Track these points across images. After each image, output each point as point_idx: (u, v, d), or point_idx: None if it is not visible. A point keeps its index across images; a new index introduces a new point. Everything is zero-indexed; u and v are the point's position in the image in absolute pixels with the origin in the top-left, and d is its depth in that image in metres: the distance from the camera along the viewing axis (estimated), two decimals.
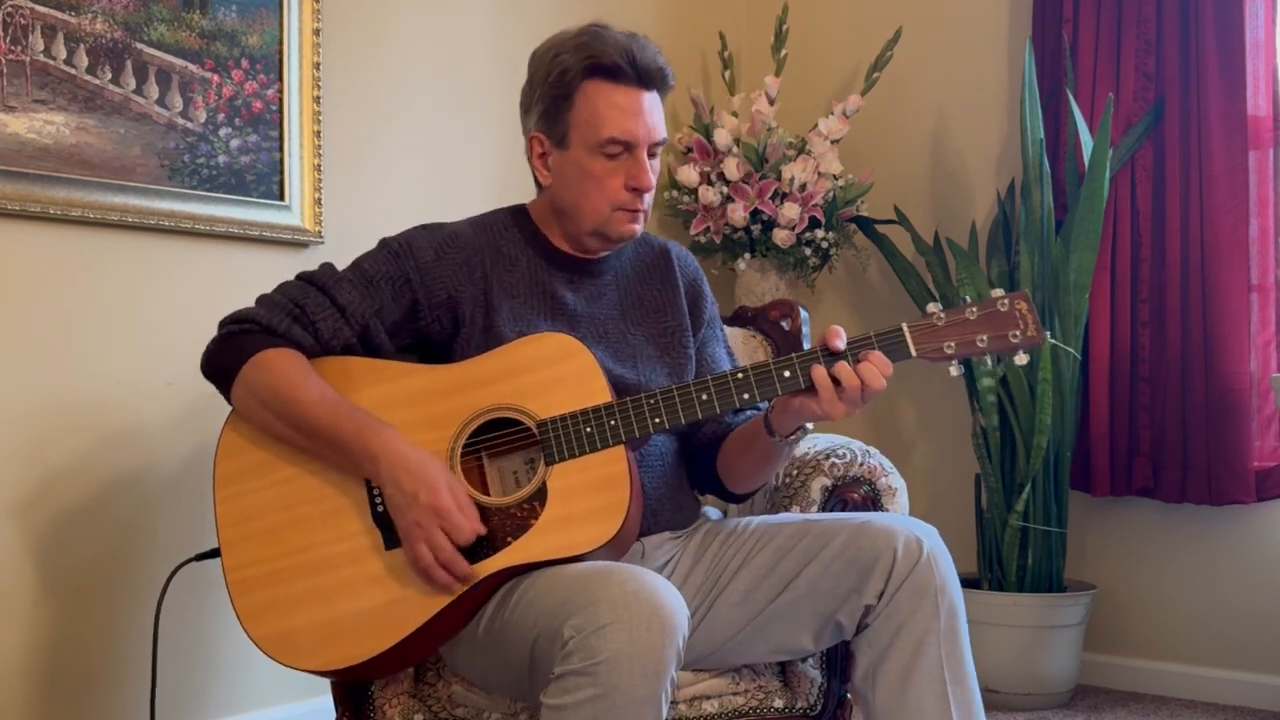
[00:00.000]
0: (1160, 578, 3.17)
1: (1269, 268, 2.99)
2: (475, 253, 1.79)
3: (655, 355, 1.84)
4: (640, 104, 1.75)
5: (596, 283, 1.85)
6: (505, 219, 1.86)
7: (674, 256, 1.93)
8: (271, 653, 1.64)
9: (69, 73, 2.18)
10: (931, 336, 1.63)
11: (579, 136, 1.75)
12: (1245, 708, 3.01)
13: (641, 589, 1.46)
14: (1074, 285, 2.98)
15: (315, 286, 1.75)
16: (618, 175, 1.75)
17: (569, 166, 1.77)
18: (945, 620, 1.61)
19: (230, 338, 1.73)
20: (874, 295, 3.61)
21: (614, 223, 1.77)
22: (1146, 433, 3.06)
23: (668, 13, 3.45)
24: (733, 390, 1.64)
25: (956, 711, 1.60)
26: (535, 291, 1.80)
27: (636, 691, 1.43)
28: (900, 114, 3.52)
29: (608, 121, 1.73)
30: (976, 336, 1.62)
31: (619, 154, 1.74)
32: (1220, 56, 2.95)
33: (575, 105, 1.75)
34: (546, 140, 1.79)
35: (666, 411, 1.64)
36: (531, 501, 1.63)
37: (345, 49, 2.64)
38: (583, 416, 1.64)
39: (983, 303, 1.63)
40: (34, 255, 2.17)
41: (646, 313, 1.87)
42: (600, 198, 1.75)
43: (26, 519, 2.16)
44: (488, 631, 1.64)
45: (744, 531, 1.79)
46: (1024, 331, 1.62)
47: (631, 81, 1.74)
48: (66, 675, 2.21)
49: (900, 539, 1.64)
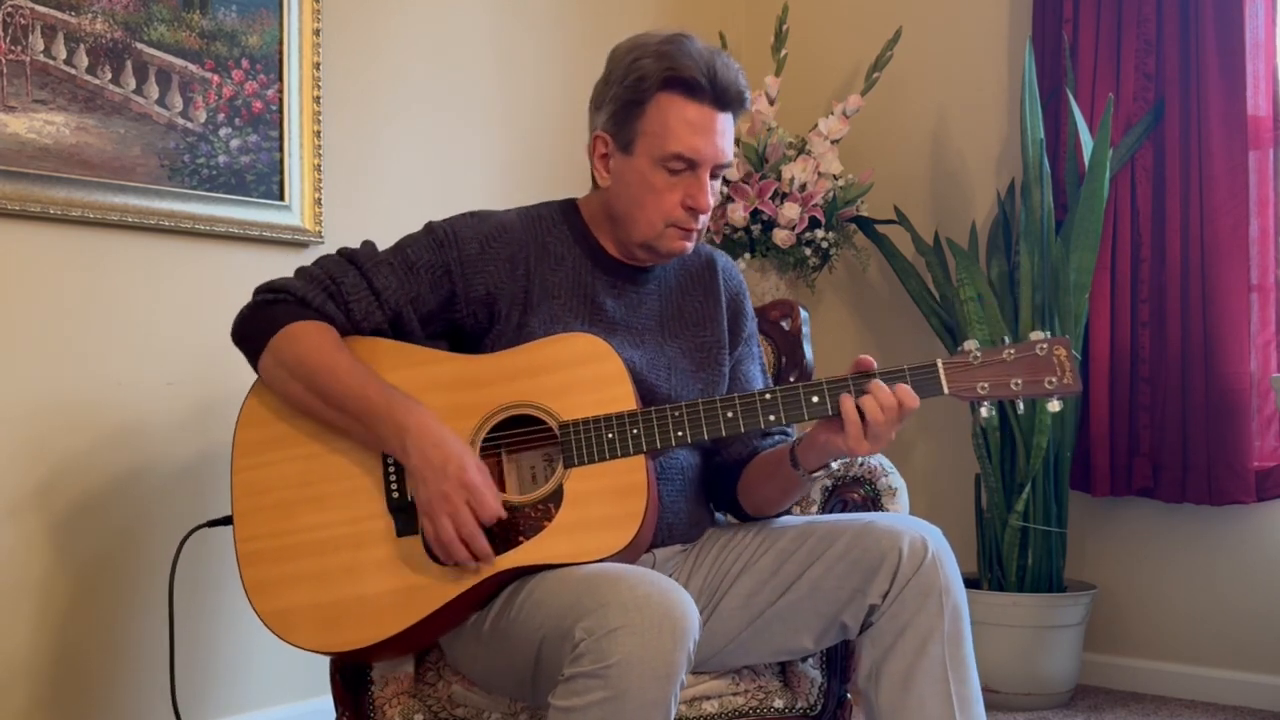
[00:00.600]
0: (1160, 578, 3.17)
1: (1269, 268, 2.99)
2: (521, 248, 1.76)
3: (690, 369, 1.81)
4: (713, 124, 1.71)
5: (639, 291, 1.82)
6: (555, 214, 1.82)
7: (720, 268, 1.90)
8: (273, 627, 1.64)
9: (69, 73, 2.18)
10: (965, 375, 1.61)
11: (645, 145, 1.71)
12: (1245, 708, 3.01)
13: (653, 592, 1.46)
14: (1074, 285, 2.98)
15: (355, 266, 1.73)
16: (677, 191, 1.71)
17: (630, 173, 1.73)
18: (949, 621, 1.61)
19: (264, 305, 1.72)
20: (874, 295, 3.61)
21: (665, 238, 1.74)
22: (1146, 433, 3.06)
23: (668, 13, 3.45)
24: (759, 410, 1.63)
25: (959, 712, 1.60)
26: (577, 294, 1.77)
27: (647, 695, 1.43)
28: (900, 114, 3.52)
29: (676, 136, 1.69)
30: (1011, 379, 1.60)
31: (681, 170, 1.71)
32: (1220, 56, 2.95)
33: (647, 114, 1.71)
34: (611, 142, 1.75)
35: (690, 425, 1.63)
36: (547, 502, 1.63)
37: (345, 49, 2.64)
38: (606, 422, 1.63)
39: (1021, 345, 1.61)
40: (34, 255, 2.17)
41: (686, 325, 1.84)
42: (656, 211, 1.72)
43: (26, 519, 2.16)
44: (492, 630, 1.64)
45: (746, 534, 1.79)
46: (1060, 379, 1.59)
47: (707, 99, 1.70)
48: (69, 674, 2.21)
49: (905, 539, 1.63)
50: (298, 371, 1.66)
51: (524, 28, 3.02)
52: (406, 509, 1.64)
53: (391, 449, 1.63)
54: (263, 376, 1.71)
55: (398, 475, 1.66)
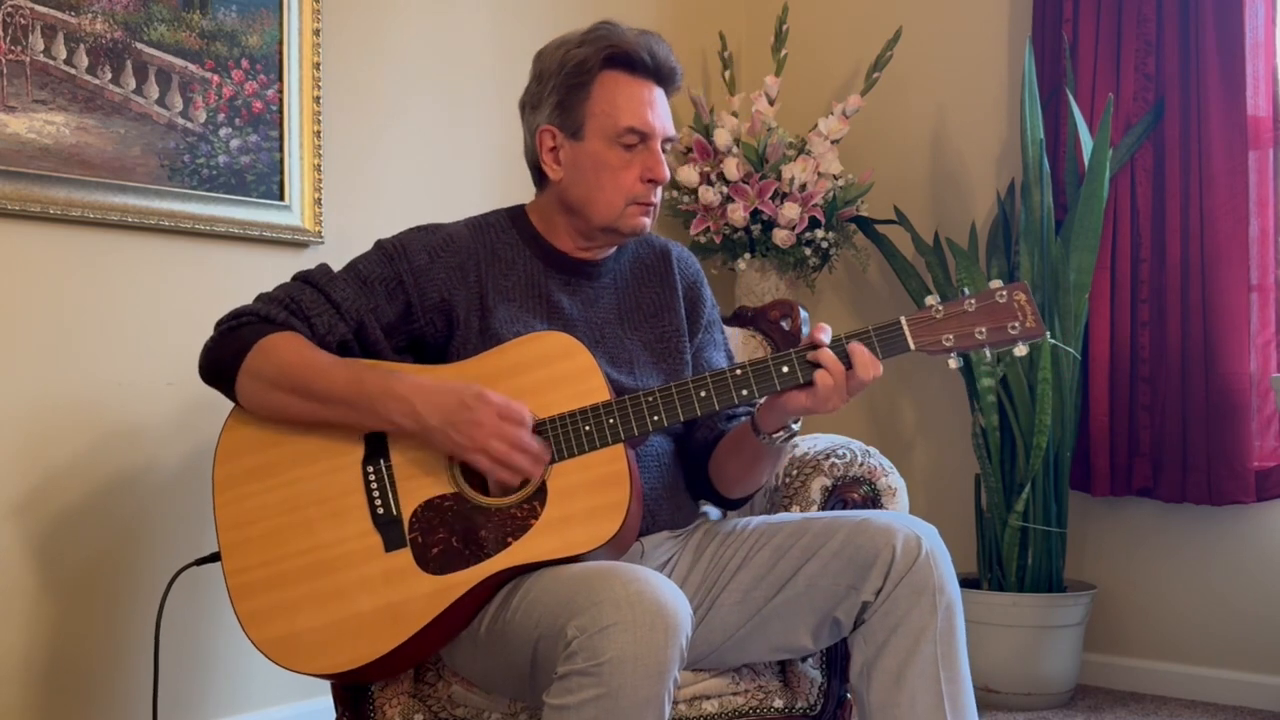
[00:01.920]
0: (1160, 578, 3.17)
1: (1269, 268, 2.99)
2: (470, 256, 1.78)
3: (651, 360, 1.83)
4: (655, 97, 1.76)
5: (594, 286, 1.84)
6: (503, 220, 1.85)
7: (674, 258, 1.92)
8: (273, 656, 1.64)
9: (69, 73, 2.18)
10: (930, 329, 1.63)
11: (595, 126, 1.74)
12: (1245, 708, 3.01)
13: (645, 589, 1.46)
14: (1074, 285, 2.98)
15: (310, 284, 1.75)
16: (633, 167, 1.75)
17: (584, 158, 1.76)
18: (942, 619, 1.61)
19: (228, 333, 1.73)
20: (874, 295, 3.61)
21: (627, 217, 1.76)
22: (1146, 433, 3.06)
23: (668, 13, 3.45)
24: (731, 387, 1.63)
25: (950, 710, 1.60)
26: (531, 295, 1.79)
27: (640, 692, 1.43)
28: (900, 114, 3.52)
29: (626, 111, 1.73)
30: (975, 329, 1.62)
31: (635, 145, 1.74)
32: (1220, 56, 2.95)
33: (593, 95, 1.74)
34: (559, 133, 1.78)
35: (665, 409, 1.64)
36: (531, 501, 1.63)
37: (345, 49, 2.64)
38: (581, 415, 1.64)
39: (980, 294, 1.63)
40: (34, 255, 2.17)
41: (644, 316, 1.86)
42: (615, 190, 1.75)
43: (26, 519, 2.16)
44: (489, 631, 1.64)
45: (743, 531, 1.79)
46: (1023, 323, 1.61)
47: (648, 74, 1.76)
48: (66, 676, 2.21)
49: (900, 536, 1.64)
50: (281, 380, 1.66)
51: (524, 28, 3.02)
52: (393, 523, 1.65)
53: (400, 423, 1.63)
54: (243, 400, 1.72)
55: (380, 491, 1.66)
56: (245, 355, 1.68)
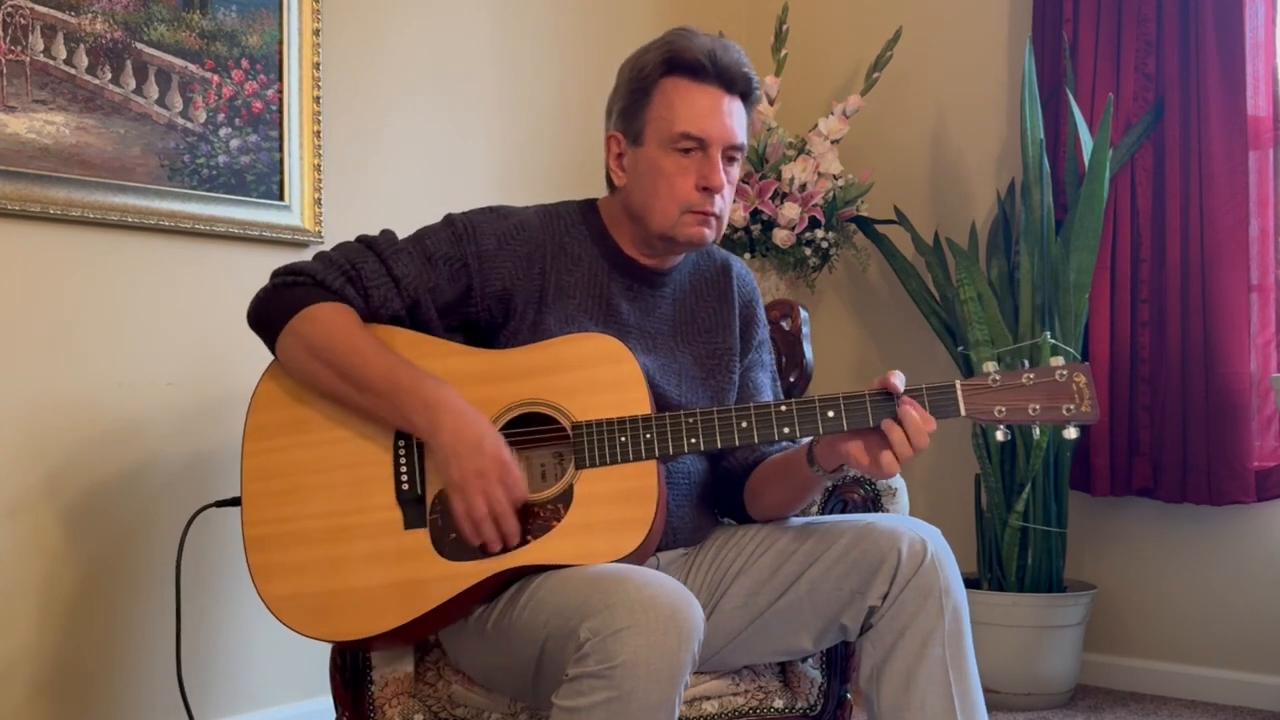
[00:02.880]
0: (1160, 578, 3.17)
1: (1269, 268, 2.99)
2: (538, 247, 1.75)
3: (700, 376, 1.81)
4: (719, 104, 1.72)
5: (654, 295, 1.82)
6: (574, 214, 1.82)
7: (735, 274, 1.89)
8: (277, 613, 1.64)
9: (69, 73, 2.18)
10: (983, 397, 1.60)
11: (654, 131, 1.72)
12: (1245, 708, 3.01)
13: (659, 593, 1.46)
14: (1074, 285, 2.98)
15: (374, 252, 1.73)
16: (689, 174, 1.71)
17: (642, 163, 1.74)
18: (950, 621, 1.61)
19: (282, 288, 1.71)
20: (874, 295, 3.61)
21: (683, 226, 1.72)
22: (1146, 433, 3.06)
23: (668, 13, 3.45)
24: (774, 423, 1.62)
25: (961, 712, 1.60)
26: (592, 295, 1.77)
27: (652, 696, 1.42)
28: (900, 114, 3.52)
29: (682, 116, 1.70)
30: (1029, 404, 1.59)
31: (692, 150, 1.71)
32: (1220, 56, 2.95)
33: (653, 101, 1.73)
34: (623, 139, 1.77)
35: (704, 434, 1.63)
36: (556, 502, 1.63)
37: (345, 49, 2.64)
38: (619, 425, 1.63)
39: (1040, 370, 1.60)
40: (34, 255, 2.17)
41: (698, 331, 1.84)
42: (670, 197, 1.71)
43: (27, 519, 2.16)
44: (495, 627, 1.64)
45: (746, 534, 1.78)
46: (1079, 407, 1.59)
47: (711, 80, 1.72)
48: (67, 676, 2.21)
49: (904, 540, 1.63)
50: (320, 352, 1.65)
51: (524, 28, 3.02)
52: (416, 502, 1.64)
53: (418, 427, 1.62)
54: (281, 359, 1.70)
55: (408, 467, 1.65)
56: (292, 316, 1.67)
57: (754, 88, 1.76)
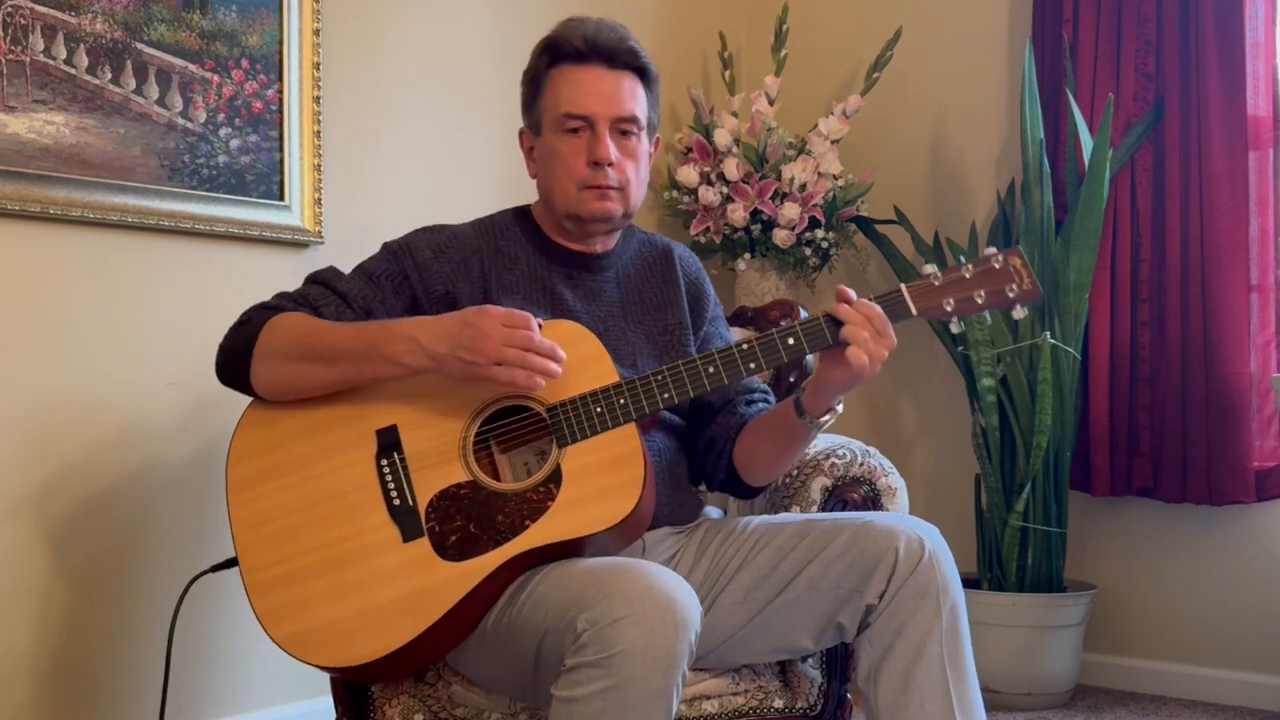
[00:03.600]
0: (1160, 578, 3.17)
1: (1269, 268, 2.99)
2: (474, 252, 1.82)
3: (654, 353, 1.85)
4: (601, 81, 1.78)
5: (596, 279, 1.86)
6: (508, 219, 1.89)
7: (676, 256, 1.95)
8: (293, 651, 1.63)
9: (69, 73, 2.18)
10: (930, 295, 1.66)
11: (547, 119, 1.81)
12: (1245, 708, 3.01)
13: (655, 583, 1.47)
14: (1074, 285, 2.98)
15: (317, 282, 1.80)
16: (580, 153, 1.78)
17: (542, 150, 1.83)
18: (947, 620, 1.62)
19: (238, 328, 1.76)
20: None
21: (583, 202, 1.78)
22: (1146, 433, 3.06)
23: (668, 13, 3.45)
24: (739, 361, 1.66)
25: (959, 710, 1.60)
26: (535, 288, 1.82)
27: (649, 684, 1.43)
28: (900, 114, 3.52)
29: (564, 98, 1.78)
30: (974, 293, 1.66)
31: (580, 129, 1.77)
32: (1220, 56, 2.95)
33: (544, 91, 1.82)
34: (529, 132, 1.86)
35: (675, 386, 1.66)
36: (547, 484, 1.64)
37: (345, 49, 2.64)
38: (592, 397, 1.66)
39: (977, 260, 1.67)
40: (34, 255, 2.17)
41: (646, 311, 1.88)
42: (565, 176, 1.78)
43: (26, 519, 2.16)
44: (494, 628, 1.64)
45: (745, 531, 1.79)
46: (1020, 285, 1.65)
47: (591, 60, 1.78)
48: (69, 676, 2.21)
49: (902, 539, 1.64)
50: (291, 350, 1.68)
51: (524, 28, 3.01)
52: (410, 513, 1.65)
53: (409, 360, 1.63)
54: (259, 384, 1.72)
55: (395, 482, 1.66)
56: (256, 340, 1.71)
57: (641, 60, 1.81)
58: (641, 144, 1.83)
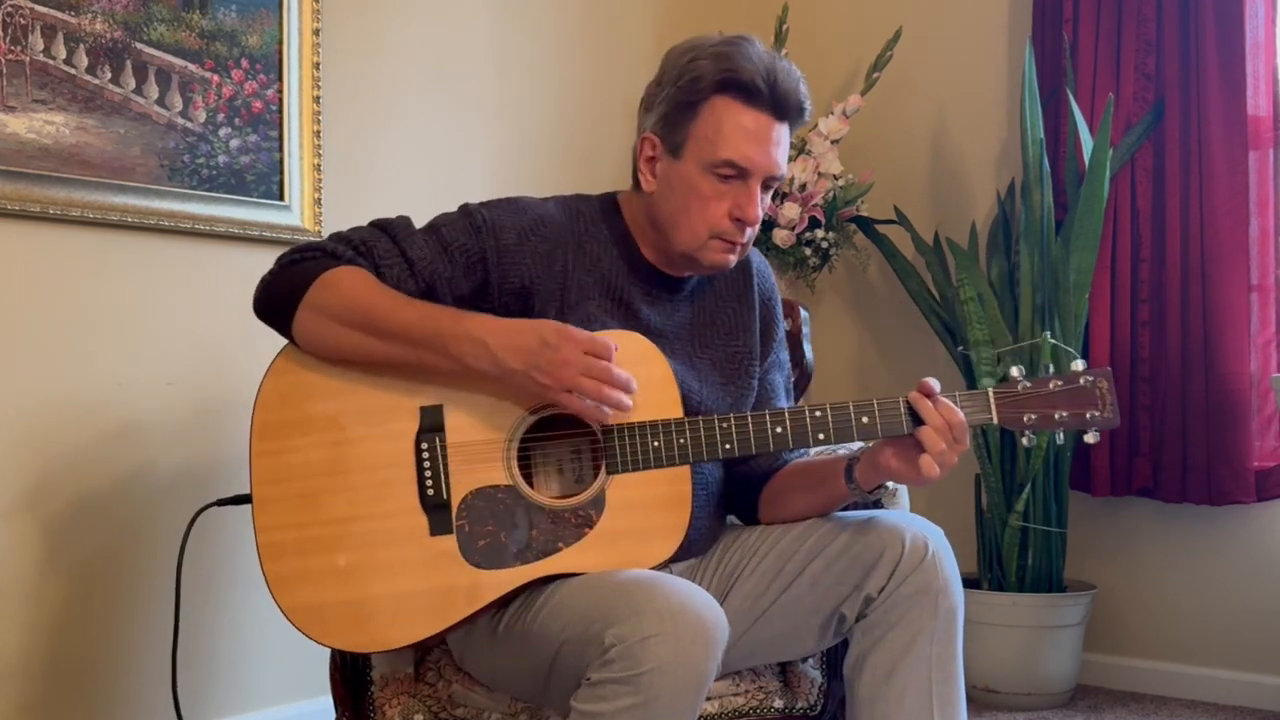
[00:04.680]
0: (1160, 578, 3.17)
1: (1269, 268, 2.99)
2: (560, 244, 1.69)
3: (720, 381, 1.77)
4: (769, 133, 1.64)
5: (673, 299, 1.76)
6: (595, 211, 1.76)
7: (754, 271, 1.83)
8: (299, 624, 1.58)
9: (69, 73, 2.18)
10: (1014, 404, 1.62)
11: (695, 150, 1.64)
12: (1245, 708, 3.01)
13: (687, 602, 1.45)
14: (1074, 285, 2.98)
15: (388, 235, 1.67)
16: (725, 200, 1.64)
17: (677, 179, 1.66)
18: (943, 621, 1.61)
19: (289, 266, 1.64)
20: (874, 295, 3.61)
21: (708, 250, 1.67)
22: (1146, 433, 3.07)
23: (668, 13, 3.45)
24: (809, 429, 1.61)
25: (938, 710, 1.60)
26: (610, 296, 1.71)
27: (677, 703, 1.42)
28: (900, 114, 3.52)
29: (730, 142, 1.62)
30: (1056, 411, 1.62)
31: (731, 178, 1.64)
32: (1220, 56, 2.95)
33: (700, 116, 1.64)
34: (660, 145, 1.68)
35: (739, 439, 1.60)
36: (588, 509, 1.60)
37: (345, 49, 2.64)
38: (651, 429, 1.59)
39: (1065, 375, 1.63)
40: (34, 255, 2.17)
41: (718, 334, 1.79)
42: (701, 220, 1.65)
43: (26, 518, 2.16)
44: (508, 629, 1.61)
45: (750, 536, 1.78)
46: (1102, 412, 1.62)
47: (765, 106, 1.63)
48: (65, 676, 2.21)
49: (907, 535, 1.63)
50: (346, 315, 1.58)
51: (523, 28, 3.02)
52: (441, 507, 1.59)
53: (476, 365, 1.56)
54: (301, 335, 1.62)
55: (433, 470, 1.60)
56: (308, 288, 1.60)
57: (806, 113, 1.68)
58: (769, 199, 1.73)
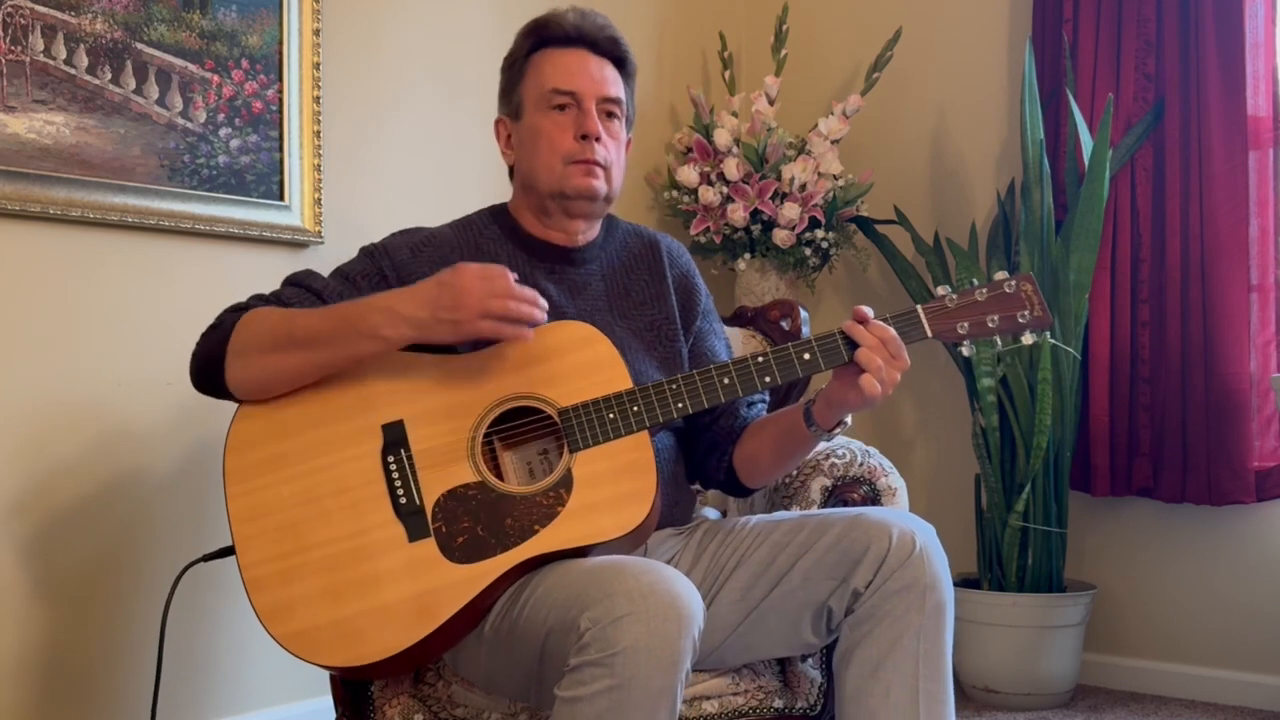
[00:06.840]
0: (1160, 578, 3.17)
1: (1269, 268, 2.99)
2: (452, 251, 1.79)
3: (643, 348, 1.83)
4: (586, 62, 1.79)
5: (580, 273, 1.84)
6: (485, 217, 1.87)
7: (664, 248, 1.93)
8: (294, 650, 1.60)
9: (69, 73, 2.18)
10: (945, 318, 1.68)
11: (529, 99, 1.81)
12: (1245, 708, 3.01)
13: (657, 581, 1.47)
14: (1074, 285, 2.98)
15: (292, 284, 1.77)
16: (567, 129, 1.77)
17: (525, 132, 1.81)
18: (930, 616, 1.61)
19: (207, 333, 1.73)
20: (874, 295, 3.61)
21: (569, 177, 1.77)
22: (1146, 433, 3.06)
23: (668, 13, 3.45)
24: (754, 374, 1.66)
25: (925, 708, 1.60)
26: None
27: (653, 682, 1.43)
28: (900, 114, 3.52)
29: (551, 76, 1.79)
30: (987, 317, 1.68)
31: (567, 106, 1.78)
32: (1220, 56, 2.95)
33: (526, 75, 1.82)
34: (507, 120, 1.85)
35: (689, 396, 1.66)
36: (557, 489, 1.64)
37: (345, 49, 2.65)
38: (605, 403, 1.65)
39: (990, 285, 1.69)
40: (34, 255, 2.17)
41: (633, 305, 1.86)
42: (551, 152, 1.77)
43: (26, 519, 2.16)
44: (495, 630, 1.63)
45: (742, 530, 1.79)
46: (1031, 311, 1.67)
47: (576, 44, 1.80)
48: (63, 676, 2.21)
49: (894, 531, 1.64)
50: (266, 342, 1.65)
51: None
52: (417, 513, 1.63)
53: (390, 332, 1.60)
54: (235, 384, 1.68)
55: (402, 480, 1.64)
56: (227, 340, 1.67)
57: (622, 51, 1.83)
58: (623, 130, 1.84)
